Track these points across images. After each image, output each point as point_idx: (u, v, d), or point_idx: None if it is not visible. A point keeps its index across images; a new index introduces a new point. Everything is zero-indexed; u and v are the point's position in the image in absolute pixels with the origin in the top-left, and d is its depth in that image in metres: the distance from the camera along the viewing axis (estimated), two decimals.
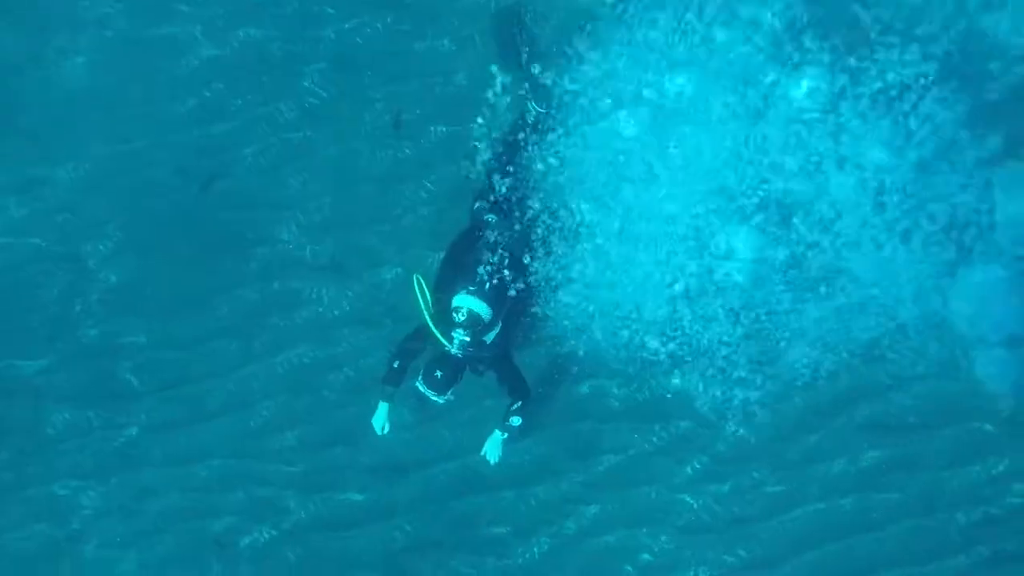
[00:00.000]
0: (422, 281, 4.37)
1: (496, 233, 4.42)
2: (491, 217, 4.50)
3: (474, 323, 4.25)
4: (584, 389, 5.16)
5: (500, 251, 4.37)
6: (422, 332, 4.36)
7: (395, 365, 4.53)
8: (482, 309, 4.26)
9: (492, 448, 4.70)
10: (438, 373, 4.22)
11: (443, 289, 4.40)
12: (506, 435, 4.63)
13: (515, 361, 4.62)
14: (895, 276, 4.71)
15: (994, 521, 5.04)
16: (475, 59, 5.03)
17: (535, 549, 5.19)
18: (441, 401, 4.32)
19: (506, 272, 4.37)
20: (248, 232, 5.21)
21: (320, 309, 5.19)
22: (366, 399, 5.07)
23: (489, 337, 4.39)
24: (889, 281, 4.74)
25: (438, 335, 4.24)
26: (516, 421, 4.52)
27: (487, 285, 4.30)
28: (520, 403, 4.51)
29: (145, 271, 5.26)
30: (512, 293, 4.43)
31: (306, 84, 5.16)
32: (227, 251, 5.21)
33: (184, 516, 5.31)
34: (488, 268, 4.33)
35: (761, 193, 4.52)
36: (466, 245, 4.53)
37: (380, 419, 4.66)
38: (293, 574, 5.27)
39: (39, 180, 5.26)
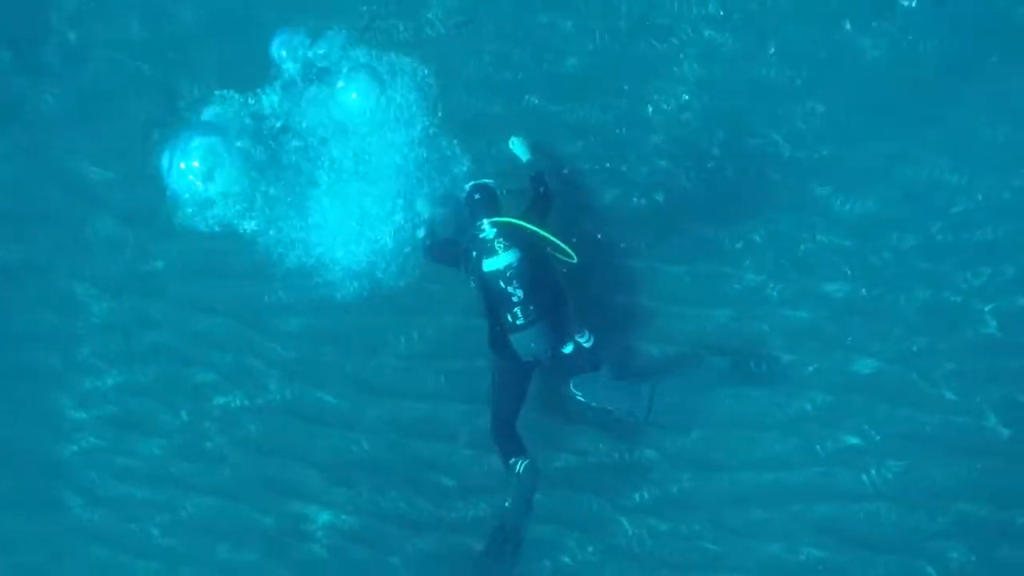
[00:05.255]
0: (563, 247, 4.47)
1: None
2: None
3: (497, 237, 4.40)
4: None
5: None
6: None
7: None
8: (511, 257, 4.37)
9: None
10: (480, 196, 4.62)
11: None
12: None
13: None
14: None
15: None
16: (590, 50, 5.23)
17: (472, 510, 5.37)
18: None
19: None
20: None
21: None
22: (374, 309, 5.35)
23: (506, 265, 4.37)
24: None
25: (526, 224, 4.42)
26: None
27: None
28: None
29: None
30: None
31: (430, 15, 5.38)
32: None
33: (173, 357, 5.62)
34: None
35: None
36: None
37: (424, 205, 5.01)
38: (248, 444, 5.54)
39: (167, 13, 5.61)
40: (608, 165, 5.23)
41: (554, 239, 4.43)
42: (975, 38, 5.01)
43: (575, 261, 4.51)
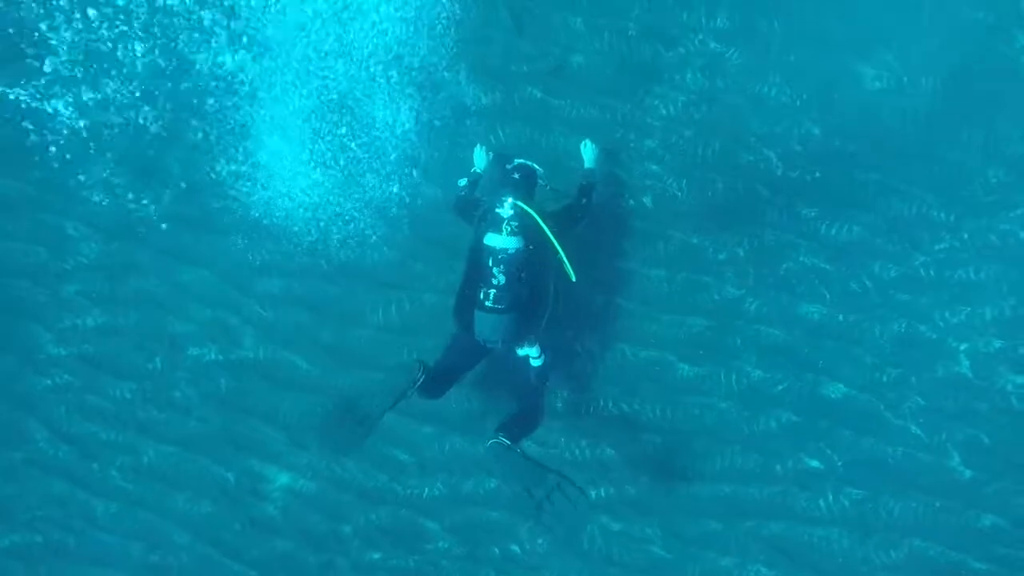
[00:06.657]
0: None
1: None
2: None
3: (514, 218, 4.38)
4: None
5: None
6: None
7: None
8: (509, 243, 4.34)
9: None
10: (518, 176, 4.63)
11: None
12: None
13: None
14: None
15: None
16: (596, 51, 5.29)
17: (427, 488, 5.40)
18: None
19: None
20: None
21: None
22: (357, 282, 5.43)
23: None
24: None
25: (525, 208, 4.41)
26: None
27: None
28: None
29: None
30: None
31: None
32: None
33: (153, 304, 5.66)
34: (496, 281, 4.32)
35: None
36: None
37: (481, 157, 5.12)
38: (216, 398, 5.59)
39: None
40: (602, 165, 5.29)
41: (561, 253, 4.39)
42: (978, 81, 5.06)
43: (573, 280, 4.47)
